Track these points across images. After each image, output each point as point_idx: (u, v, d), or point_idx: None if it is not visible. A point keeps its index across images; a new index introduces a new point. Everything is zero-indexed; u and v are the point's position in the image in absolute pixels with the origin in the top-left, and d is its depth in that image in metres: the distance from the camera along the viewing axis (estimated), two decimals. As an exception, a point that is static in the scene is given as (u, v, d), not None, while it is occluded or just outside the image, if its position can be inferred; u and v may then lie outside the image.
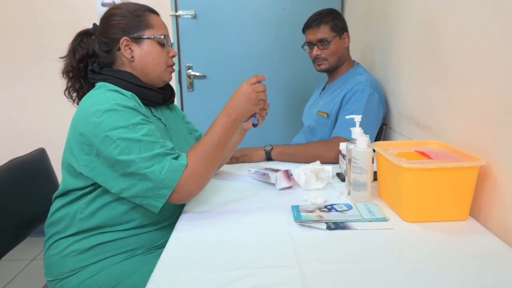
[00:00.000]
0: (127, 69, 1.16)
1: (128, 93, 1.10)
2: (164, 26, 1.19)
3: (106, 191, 1.06)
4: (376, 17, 1.95)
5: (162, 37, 1.17)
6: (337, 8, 2.54)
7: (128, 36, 1.13)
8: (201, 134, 1.45)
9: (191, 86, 2.67)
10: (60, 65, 1.21)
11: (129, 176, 1.01)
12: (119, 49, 1.14)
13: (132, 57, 1.14)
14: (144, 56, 1.15)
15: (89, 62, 1.17)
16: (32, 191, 1.38)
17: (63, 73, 1.20)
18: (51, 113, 1.26)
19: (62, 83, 1.22)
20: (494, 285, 0.75)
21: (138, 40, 1.14)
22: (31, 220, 1.35)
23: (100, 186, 1.07)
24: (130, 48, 1.14)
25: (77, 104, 1.21)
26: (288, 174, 1.26)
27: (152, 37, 1.15)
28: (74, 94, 1.22)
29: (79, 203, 1.10)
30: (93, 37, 1.18)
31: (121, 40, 1.13)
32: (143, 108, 1.10)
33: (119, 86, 1.11)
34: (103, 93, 1.07)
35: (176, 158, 1.03)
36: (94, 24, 1.21)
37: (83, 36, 1.20)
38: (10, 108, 2.61)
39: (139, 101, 1.12)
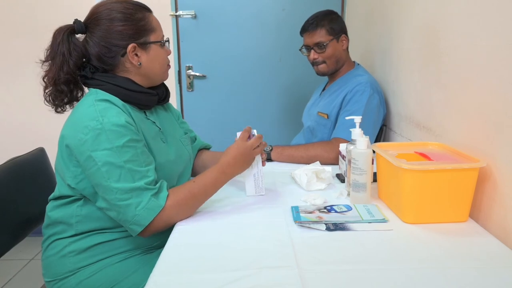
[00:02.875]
0: (130, 74, 1.12)
1: (120, 103, 1.07)
2: (160, 25, 1.17)
3: None
4: (376, 18, 1.95)
5: (167, 40, 1.17)
6: (337, 9, 2.55)
7: (135, 42, 1.09)
8: (196, 135, 1.45)
9: (191, 86, 2.67)
10: None
11: (106, 200, 1.01)
12: (123, 55, 1.09)
13: (140, 63, 1.11)
14: (150, 61, 1.13)
15: (81, 66, 1.11)
16: (31, 191, 1.38)
17: (50, 78, 1.08)
18: (51, 113, 1.26)
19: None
20: (493, 286, 0.75)
21: (144, 45, 1.11)
22: (30, 220, 1.35)
23: None
24: (137, 54, 1.10)
25: (61, 110, 1.14)
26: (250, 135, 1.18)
27: (157, 41, 1.13)
28: (57, 101, 1.12)
29: (74, 206, 1.09)
30: (86, 38, 1.09)
31: (129, 47, 1.08)
32: (134, 123, 1.05)
33: (112, 93, 1.08)
34: (93, 105, 1.03)
35: (156, 194, 1.00)
36: (78, 21, 1.09)
37: (70, 36, 1.08)
38: (10, 108, 2.61)
39: (130, 110, 1.08)
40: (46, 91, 1.11)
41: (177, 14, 2.56)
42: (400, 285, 0.75)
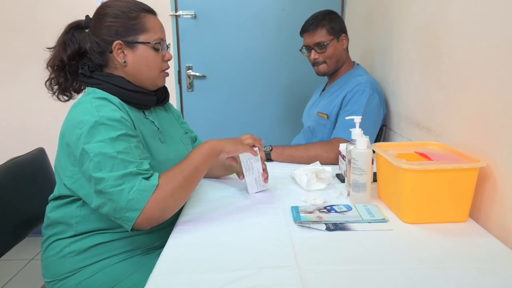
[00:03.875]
0: (119, 72, 1.12)
1: (117, 101, 1.06)
2: (160, 28, 1.15)
3: None
4: (376, 18, 1.95)
5: (158, 42, 1.12)
6: (337, 9, 2.55)
7: (121, 40, 1.08)
8: (197, 135, 1.45)
9: (190, 86, 2.67)
10: None
11: (100, 194, 0.97)
12: (111, 52, 1.10)
13: (125, 62, 1.10)
14: (137, 61, 1.11)
15: (80, 64, 1.13)
16: (31, 191, 1.38)
17: (48, 65, 1.15)
18: (51, 113, 1.26)
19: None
20: (493, 286, 0.75)
21: (132, 44, 1.10)
22: (30, 220, 1.35)
23: None
24: (123, 52, 1.10)
25: (57, 97, 1.18)
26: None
27: (146, 42, 1.11)
28: (56, 87, 1.17)
29: (72, 207, 1.09)
30: (86, 32, 1.13)
31: (114, 44, 1.08)
32: (130, 120, 1.05)
33: (110, 92, 1.08)
34: (90, 102, 1.03)
35: (148, 178, 0.97)
36: (87, 17, 1.14)
37: (74, 30, 1.14)
38: (10, 108, 2.61)
39: (127, 109, 1.08)
40: (49, 78, 1.17)
41: (177, 14, 2.56)
42: (400, 285, 0.75)
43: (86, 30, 1.14)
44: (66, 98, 1.19)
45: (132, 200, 0.94)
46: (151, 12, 1.14)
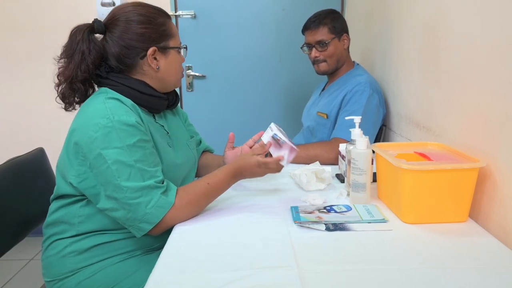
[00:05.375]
0: (146, 78, 1.12)
1: (129, 102, 1.07)
2: (178, 32, 1.19)
3: None
4: (376, 18, 1.95)
5: (185, 47, 1.19)
6: (337, 8, 2.54)
7: (156, 46, 1.10)
8: (201, 138, 1.46)
9: (190, 86, 2.67)
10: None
11: (114, 199, 1.00)
12: (142, 58, 1.10)
13: (158, 67, 1.12)
14: (168, 67, 1.14)
15: (98, 65, 1.10)
16: (31, 191, 1.38)
17: (68, 76, 1.06)
18: (51, 113, 1.26)
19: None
20: (493, 286, 0.75)
21: (164, 50, 1.12)
22: (29, 220, 1.35)
23: None
24: (156, 58, 1.11)
25: (74, 108, 1.13)
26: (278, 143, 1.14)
27: (176, 47, 1.15)
28: (71, 99, 1.11)
29: (75, 206, 1.09)
30: (105, 38, 1.09)
31: (149, 50, 1.09)
32: (143, 123, 1.05)
33: (123, 94, 1.08)
34: (103, 103, 1.03)
35: (165, 192, 1.01)
36: (98, 21, 1.09)
37: (90, 35, 1.08)
38: (10, 108, 2.61)
39: (140, 111, 1.09)
40: (59, 88, 1.10)
41: (176, 14, 2.56)
42: (400, 285, 0.75)
43: (98, 35, 1.10)
44: (77, 107, 1.14)
45: (148, 214, 0.99)
46: (169, 16, 1.17)
